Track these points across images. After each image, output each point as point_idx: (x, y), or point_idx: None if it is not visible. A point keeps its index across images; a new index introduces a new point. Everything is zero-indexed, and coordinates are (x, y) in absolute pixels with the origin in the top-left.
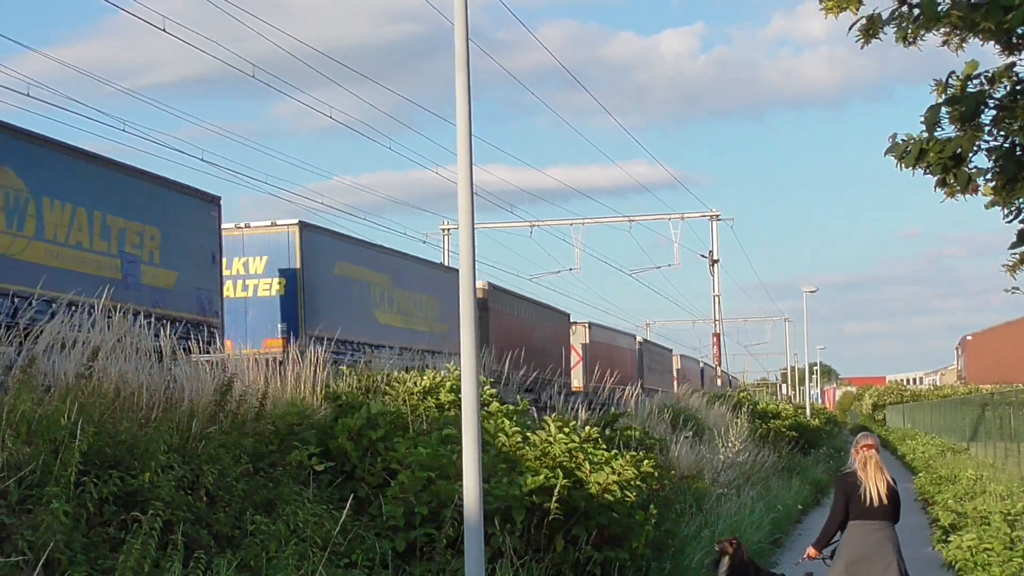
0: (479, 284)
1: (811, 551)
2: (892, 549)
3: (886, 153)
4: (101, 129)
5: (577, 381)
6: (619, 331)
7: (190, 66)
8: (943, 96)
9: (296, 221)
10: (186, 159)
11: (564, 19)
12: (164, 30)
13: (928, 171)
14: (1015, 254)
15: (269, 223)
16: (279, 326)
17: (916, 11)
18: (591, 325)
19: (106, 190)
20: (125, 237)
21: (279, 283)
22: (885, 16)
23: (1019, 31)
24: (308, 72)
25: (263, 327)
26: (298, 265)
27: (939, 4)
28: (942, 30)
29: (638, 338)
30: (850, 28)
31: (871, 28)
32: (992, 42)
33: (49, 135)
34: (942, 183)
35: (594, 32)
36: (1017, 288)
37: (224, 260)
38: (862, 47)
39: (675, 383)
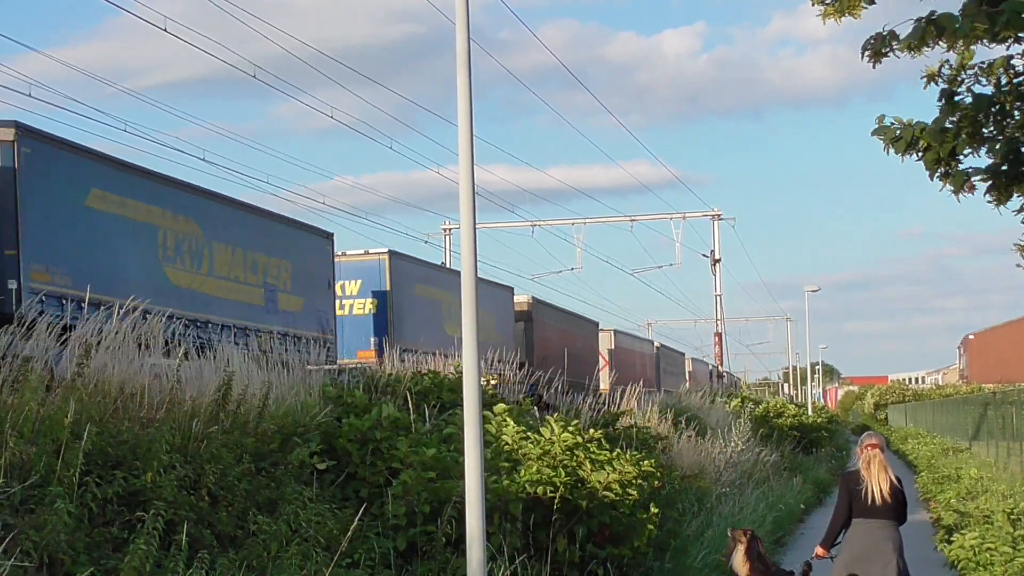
0: (524, 298)
1: (819, 550)
2: (892, 548)
3: (873, 133)
4: (102, 129)
5: (604, 384)
6: (639, 337)
7: (191, 67)
8: (933, 85)
9: (386, 250)
10: (187, 159)
11: (565, 19)
12: (165, 30)
13: (921, 160)
14: None
15: (363, 252)
16: (371, 340)
17: (932, 26)
18: (616, 332)
19: (254, 232)
20: (267, 270)
21: (371, 303)
22: (905, 31)
23: None
24: (309, 72)
25: (357, 341)
26: (387, 288)
27: (957, 20)
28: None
29: (655, 343)
30: (862, 53)
31: (881, 47)
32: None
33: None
34: (936, 173)
35: (595, 32)
36: None
37: None
38: (874, 67)
39: (688, 384)
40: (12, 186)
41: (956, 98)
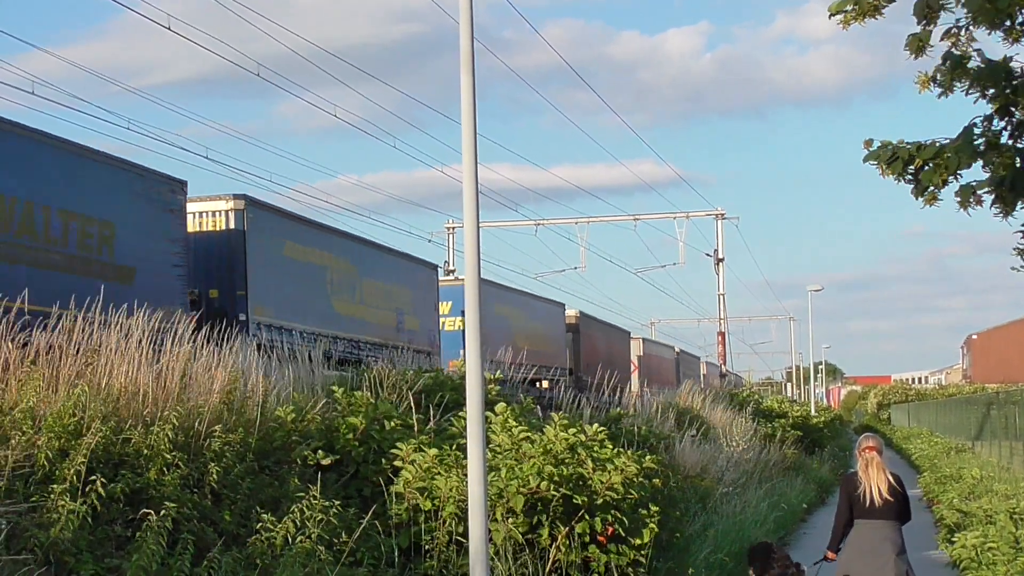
0: (573, 312)
1: (828, 553)
2: (891, 548)
3: (866, 160)
4: (106, 128)
5: (635, 386)
6: (663, 344)
7: (194, 65)
8: (928, 89)
9: None
10: (191, 157)
11: (568, 18)
12: (169, 28)
13: (922, 180)
14: None
15: (453, 278)
16: (461, 351)
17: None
18: (644, 340)
19: (387, 267)
20: (397, 298)
21: (460, 321)
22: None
23: None
24: (312, 71)
25: (449, 352)
26: None
27: None
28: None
29: (676, 349)
30: (909, 49)
31: (919, 44)
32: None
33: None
34: (922, 192)
35: (598, 31)
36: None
37: None
38: (915, 58)
39: (701, 384)
40: (242, 244)
41: (967, 64)
